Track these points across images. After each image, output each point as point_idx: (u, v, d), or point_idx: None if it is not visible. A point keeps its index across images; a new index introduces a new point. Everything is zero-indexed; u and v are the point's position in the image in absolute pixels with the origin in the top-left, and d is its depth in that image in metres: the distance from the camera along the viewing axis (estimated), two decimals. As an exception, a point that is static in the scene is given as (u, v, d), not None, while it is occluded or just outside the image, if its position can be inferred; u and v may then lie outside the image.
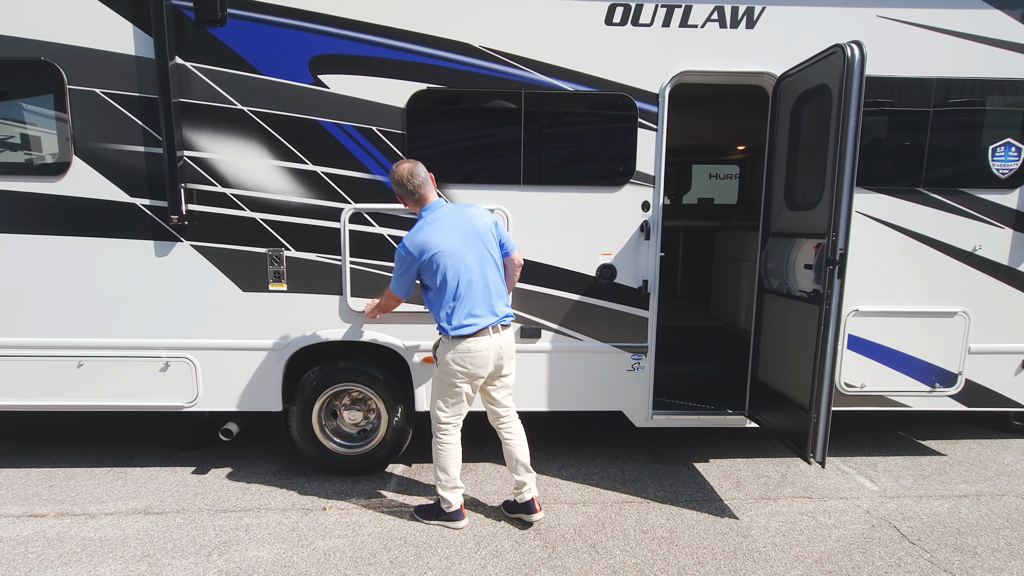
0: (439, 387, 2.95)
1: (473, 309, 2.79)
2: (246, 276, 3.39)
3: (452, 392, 2.90)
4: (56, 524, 3.09)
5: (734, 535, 3.02)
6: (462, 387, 2.88)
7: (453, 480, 3.00)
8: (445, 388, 2.91)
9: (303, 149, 3.30)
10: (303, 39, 3.22)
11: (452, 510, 3.04)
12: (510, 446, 3.05)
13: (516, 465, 3.04)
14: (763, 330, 3.60)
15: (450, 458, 2.98)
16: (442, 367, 2.89)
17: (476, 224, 2.82)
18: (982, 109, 3.50)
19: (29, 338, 3.37)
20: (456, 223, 2.80)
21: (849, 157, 2.76)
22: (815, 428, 2.98)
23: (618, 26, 3.30)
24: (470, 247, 2.79)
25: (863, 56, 2.70)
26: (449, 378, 2.87)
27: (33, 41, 3.15)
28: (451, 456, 2.98)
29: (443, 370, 2.89)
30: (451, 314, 2.79)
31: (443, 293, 2.78)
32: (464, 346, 2.80)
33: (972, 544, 2.96)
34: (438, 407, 2.97)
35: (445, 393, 2.92)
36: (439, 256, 2.74)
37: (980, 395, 3.73)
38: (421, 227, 2.80)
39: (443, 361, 2.87)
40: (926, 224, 3.55)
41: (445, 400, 2.94)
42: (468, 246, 2.78)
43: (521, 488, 3.05)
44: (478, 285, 2.80)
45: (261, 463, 3.84)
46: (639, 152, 3.40)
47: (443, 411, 2.96)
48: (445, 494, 3.01)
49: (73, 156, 3.24)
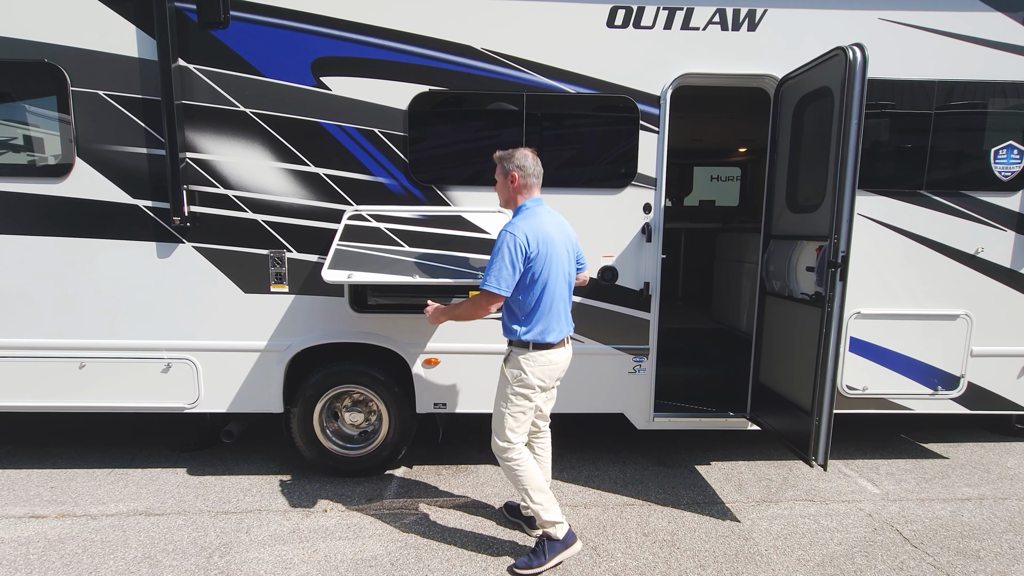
0: (511, 403, 2.66)
1: (559, 317, 2.64)
2: (248, 277, 3.39)
3: (525, 407, 2.67)
4: (57, 525, 3.09)
5: (736, 538, 3.01)
6: (535, 400, 2.70)
7: (549, 495, 2.73)
8: (518, 403, 2.65)
9: (305, 151, 3.31)
10: (305, 41, 3.23)
11: (565, 531, 2.74)
12: (539, 462, 2.93)
13: None
14: (765, 332, 3.60)
15: (535, 471, 2.71)
16: (517, 381, 2.63)
17: (569, 231, 2.73)
18: (984, 112, 3.50)
19: (31, 339, 3.37)
20: (560, 224, 2.67)
21: (851, 159, 2.76)
22: (817, 431, 2.97)
23: (620, 28, 3.31)
24: (568, 253, 2.66)
25: (865, 59, 2.70)
26: (526, 391, 2.64)
27: (37, 43, 3.17)
28: (534, 469, 2.71)
29: (519, 383, 2.63)
30: (537, 321, 2.57)
31: (536, 297, 2.56)
32: (546, 358, 2.63)
33: (975, 548, 2.94)
34: (507, 426, 2.66)
35: (517, 408, 2.66)
36: (550, 255, 2.54)
37: (982, 398, 3.72)
38: (536, 216, 2.58)
39: (520, 374, 2.62)
40: (928, 226, 3.54)
41: (516, 417, 2.67)
42: (567, 252, 2.65)
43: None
44: (565, 293, 2.67)
45: (262, 465, 3.84)
46: (641, 154, 3.40)
47: (514, 430, 2.68)
48: (550, 516, 2.69)
49: (76, 158, 3.24)
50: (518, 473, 2.68)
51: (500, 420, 2.69)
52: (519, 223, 2.54)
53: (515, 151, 2.66)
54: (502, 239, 2.51)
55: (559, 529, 2.72)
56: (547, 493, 2.72)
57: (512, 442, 2.68)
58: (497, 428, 2.71)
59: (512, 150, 2.67)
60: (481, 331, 3.48)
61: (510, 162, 2.64)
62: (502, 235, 2.52)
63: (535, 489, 2.68)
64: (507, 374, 2.68)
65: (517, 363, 2.63)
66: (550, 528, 2.71)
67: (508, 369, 2.68)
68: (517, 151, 2.66)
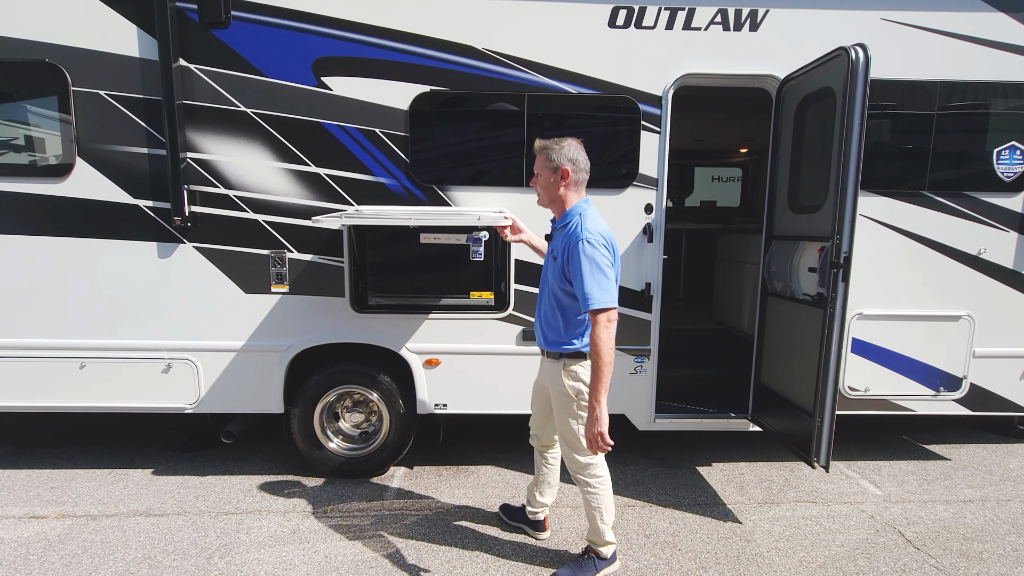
0: (582, 418, 2.44)
1: None
2: (248, 278, 3.38)
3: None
4: (57, 526, 3.09)
5: (737, 539, 3.00)
6: None
7: (613, 518, 2.65)
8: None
9: (306, 151, 3.30)
10: (306, 41, 3.23)
11: (612, 551, 2.68)
12: (552, 468, 2.87)
13: (547, 488, 2.90)
14: (766, 333, 3.59)
15: (611, 489, 2.61)
16: (581, 396, 2.44)
17: None
18: (986, 112, 3.49)
19: (32, 339, 3.37)
20: None
21: (853, 160, 2.75)
22: (819, 432, 2.96)
23: (621, 29, 3.30)
24: None
25: (867, 59, 2.70)
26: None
27: (38, 43, 3.17)
28: (610, 491, 2.61)
29: (584, 397, 2.43)
30: (587, 329, 2.38)
31: None
32: (587, 362, 2.44)
33: (978, 550, 2.93)
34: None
35: None
36: (617, 261, 2.38)
37: (985, 399, 3.71)
38: (600, 218, 2.40)
39: (581, 387, 2.44)
40: (930, 227, 3.54)
41: None
42: None
43: (540, 508, 2.95)
44: None
45: (263, 465, 3.83)
46: (642, 155, 3.40)
47: None
48: (611, 536, 2.64)
49: (77, 157, 3.24)
50: (599, 491, 2.55)
51: (576, 436, 2.48)
52: (595, 229, 2.31)
53: (563, 140, 2.38)
54: (581, 249, 2.26)
55: (610, 548, 2.66)
56: (613, 513, 2.63)
57: (595, 454, 2.49)
58: (576, 445, 2.50)
59: (558, 139, 2.39)
60: (481, 332, 3.48)
61: (560, 154, 2.36)
62: (584, 246, 2.26)
63: (609, 509, 2.59)
64: (567, 389, 2.46)
65: (576, 375, 2.45)
66: (603, 547, 2.64)
67: (568, 383, 2.45)
68: (565, 141, 2.38)
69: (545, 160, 2.40)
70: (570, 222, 2.41)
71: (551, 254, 2.53)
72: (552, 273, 2.47)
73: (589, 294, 2.25)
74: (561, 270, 2.39)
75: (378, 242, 3.42)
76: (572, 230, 2.36)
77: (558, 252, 2.43)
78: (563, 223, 2.44)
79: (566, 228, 2.41)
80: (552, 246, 2.53)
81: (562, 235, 2.43)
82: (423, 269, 3.48)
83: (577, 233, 2.32)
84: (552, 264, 2.49)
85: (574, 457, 2.55)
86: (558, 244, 2.44)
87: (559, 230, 2.47)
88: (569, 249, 2.33)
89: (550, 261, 2.53)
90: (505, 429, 4.31)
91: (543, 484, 2.91)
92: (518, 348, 3.50)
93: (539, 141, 2.44)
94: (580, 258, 2.27)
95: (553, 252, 2.50)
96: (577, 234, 2.31)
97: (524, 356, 3.48)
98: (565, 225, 2.43)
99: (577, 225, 2.36)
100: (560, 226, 2.47)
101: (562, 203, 2.44)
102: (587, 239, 2.28)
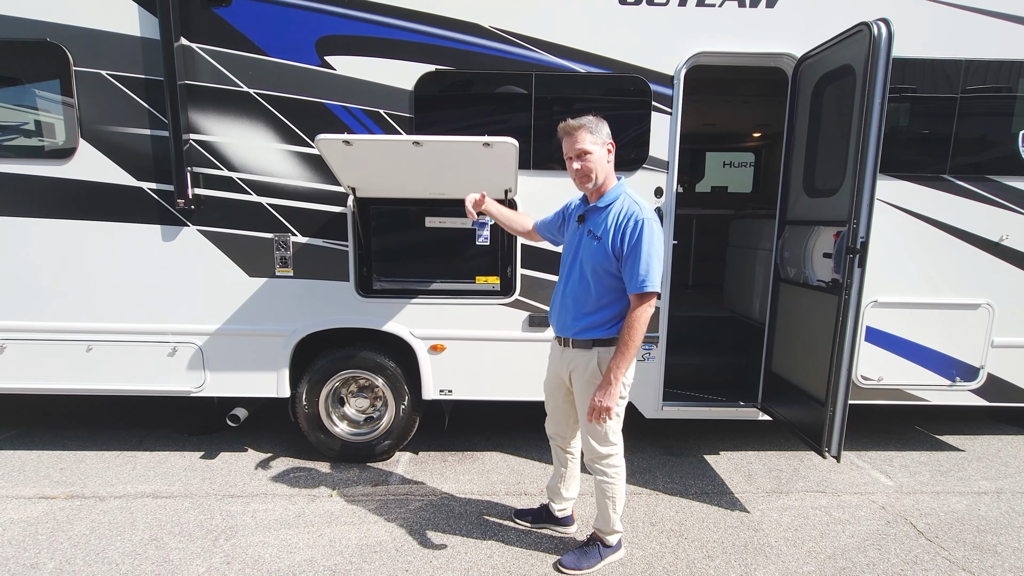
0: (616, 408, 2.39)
1: None
2: (252, 261, 3.36)
3: (623, 405, 2.45)
4: (66, 506, 3.11)
5: (745, 529, 2.97)
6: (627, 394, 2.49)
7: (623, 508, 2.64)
8: (620, 403, 2.41)
9: (310, 132, 3.24)
10: (310, 19, 3.16)
11: (619, 538, 2.69)
12: (575, 459, 2.80)
13: (572, 483, 2.85)
14: (778, 321, 3.51)
15: (624, 484, 2.58)
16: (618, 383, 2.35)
17: None
18: (1012, 94, 3.35)
19: (38, 322, 3.38)
20: None
21: (872, 141, 2.65)
22: (831, 422, 2.90)
23: (632, 6, 3.19)
24: None
25: (891, 35, 2.58)
26: (624, 391, 2.40)
27: (39, 22, 3.12)
28: (624, 482, 2.58)
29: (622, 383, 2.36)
30: (622, 315, 2.33)
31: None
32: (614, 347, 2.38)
33: (992, 542, 2.87)
34: (612, 430, 2.45)
35: (619, 408, 2.42)
36: None
37: (1003, 390, 3.62)
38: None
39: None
40: (950, 212, 3.42)
41: (618, 416, 2.45)
42: None
43: (568, 503, 2.89)
44: None
45: (268, 449, 3.85)
46: (652, 137, 3.31)
47: (616, 432, 2.48)
48: (619, 525, 2.62)
49: (80, 139, 3.21)
50: (615, 481, 2.52)
51: (605, 432, 2.44)
52: (641, 206, 2.27)
53: (597, 118, 2.33)
54: (648, 229, 2.20)
55: (616, 537, 2.66)
56: (623, 503, 2.62)
57: (615, 444, 2.48)
58: (597, 437, 2.46)
59: (593, 117, 2.32)
60: (487, 318, 3.44)
61: (603, 130, 2.31)
62: (651, 224, 2.21)
63: (621, 499, 2.57)
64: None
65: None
66: (610, 536, 2.64)
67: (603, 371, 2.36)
68: (598, 118, 2.33)
69: (591, 136, 2.29)
70: (615, 200, 2.33)
71: (588, 233, 2.38)
72: (589, 252, 2.35)
73: (646, 274, 2.21)
74: (608, 249, 2.29)
75: (383, 226, 3.38)
76: (625, 209, 2.29)
77: (600, 231, 2.32)
78: (607, 202, 2.35)
79: (609, 207, 2.33)
80: (589, 226, 2.39)
81: (603, 214, 2.33)
82: (428, 253, 3.44)
83: (635, 212, 2.26)
84: (589, 243, 2.36)
85: (594, 447, 2.49)
86: (597, 223, 2.34)
87: (599, 209, 2.37)
88: (625, 228, 2.25)
89: (585, 240, 2.39)
90: (510, 415, 4.30)
91: (569, 479, 2.83)
92: (524, 334, 3.46)
93: (570, 121, 2.32)
94: (643, 237, 2.21)
95: (592, 231, 2.37)
96: (635, 213, 2.25)
97: (530, 342, 3.44)
98: (609, 204, 2.34)
99: (630, 203, 2.30)
100: (602, 205, 2.36)
101: (610, 183, 2.38)
102: (651, 218, 2.23)
